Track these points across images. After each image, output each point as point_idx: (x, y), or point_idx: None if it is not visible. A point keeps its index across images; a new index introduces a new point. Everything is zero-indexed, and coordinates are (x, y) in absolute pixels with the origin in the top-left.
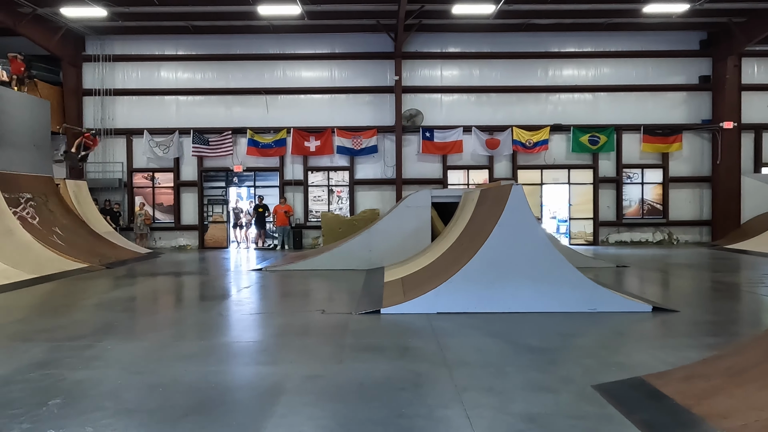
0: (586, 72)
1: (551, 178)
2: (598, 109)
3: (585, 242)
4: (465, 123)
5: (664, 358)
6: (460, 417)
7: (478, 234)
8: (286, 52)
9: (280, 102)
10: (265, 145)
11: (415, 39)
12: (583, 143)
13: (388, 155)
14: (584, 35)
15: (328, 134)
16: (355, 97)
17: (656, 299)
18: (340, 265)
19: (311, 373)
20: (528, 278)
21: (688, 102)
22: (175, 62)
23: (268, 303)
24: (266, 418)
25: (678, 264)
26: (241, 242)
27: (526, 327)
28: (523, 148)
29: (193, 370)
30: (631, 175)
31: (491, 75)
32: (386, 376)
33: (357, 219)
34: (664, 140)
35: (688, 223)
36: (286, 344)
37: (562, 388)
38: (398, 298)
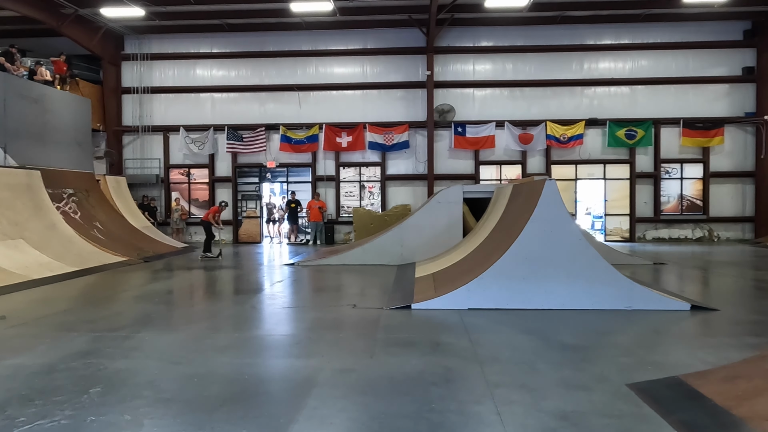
0: (623, 65)
1: (586, 173)
2: (636, 103)
3: (621, 239)
4: (497, 118)
5: (703, 357)
6: (491, 413)
7: (511, 229)
8: (318, 48)
9: (313, 98)
10: (298, 141)
11: (447, 33)
12: (620, 138)
13: (420, 151)
14: (621, 27)
15: (360, 130)
16: (387, 92)
17: (695, 297)
18: (372, 260)
19: (343, 367)
20: (562, 275)
21: (731, 94)
22: (210, 60)
23: (300, 297)
24: (298, 410)
25: (718, 261)
26: (274, 237)
27: (559, 324)
28: (557, 142)
29: (228, 362)
30: (669, 170)
31: (525, 69)
32: (417, 370)
33: (389, 214)
34: (705, 134)
35: (730, 220)
36: (318, 338)
37: (596, 387)
38: (429, 293)
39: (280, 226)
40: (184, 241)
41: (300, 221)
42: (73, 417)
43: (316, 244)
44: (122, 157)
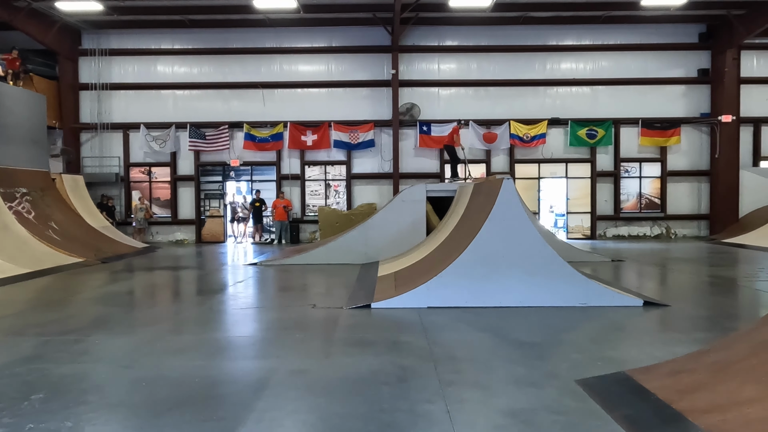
0: (585, 65)
1: (549, 172)
2: (597, 103)
3: (582, 236)
4: (462, 117)
5: (652, 352)
6: (441, 412)
7: (471, 228)
8: (283, 45)
9: (277, 96)
10: (262, 139)
11: (412, 32)
12: (581, 137)
13: (386, 149)
14: (583, 28)
15: (325, 128)
16: (353, 91)
17: (651, 294)
18: (336, 259)
19: (297, 368)
20: (520, 272)
21: (687, 95)
22: (171, 56)
23: (261, 297)
24: (248, 413)
25: (675, 258)
26: (238, 237)
27: (516, 321)
28: (520, 142)
29: (180, 365)
30: (629, 169)
31: (489, 68)
32: (372, 370)
33: (354, 213)
34: (663, 134)
35: (686, 217)
36: (275, 339)
37: (547, 383)
38: (390, 292)
39: (245, 226)
40: (145, 242)
41: (265, 220)
42: (11, 425)
43: (281, 243)
44: (80, 155)
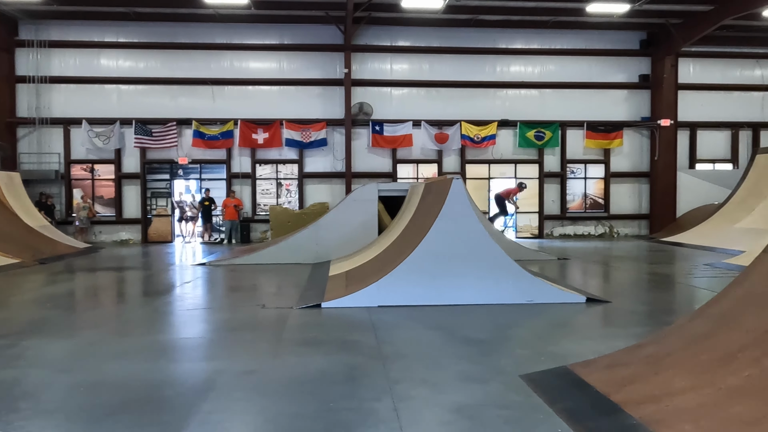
0: (533, 69)
1: (499, 172)
2: (544, 105)
3: (531, 235)
4: (415, 117)
5: (593, 347)
6: (388, 409)
7: (421, 227)
8: (233, 41)
9: (228, 93)
10: (212, 136)
11: (364, 32)
12: (529, 138)
13: (338, 148)
14: (531, 32)
15: (277, 126)
16: (305, 89)
17: (594, 290)
18: (288, 258)
19: (244, 369)
20: (469, 271)
21: (629, 100)
22: (116, 50)
23: (209, 298)
24: (192, 416)
25: (617, 256)
26: (187, 236)
27: (465, 319)
28: (471, 142)
29: (122, 368)
30: (574, 170)
31: (441, 70)
32: (321, 370)
33: (306, 212)
34: (606, 136)
35: (628, 217)
36: (223, 340)
37: (493, 379)
38: (340, 291)
39: (194, 225)
40: (87, 241)
41: (214, 219)
42: None
43: (231, 242)
44: (16, 151)
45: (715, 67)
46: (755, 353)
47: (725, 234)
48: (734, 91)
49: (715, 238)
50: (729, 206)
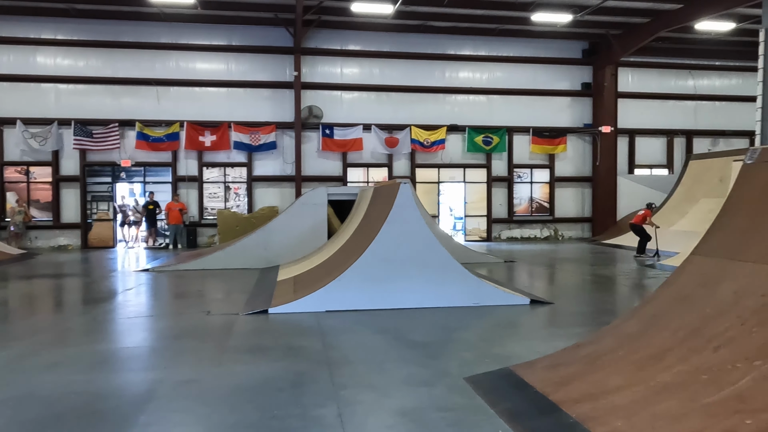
0: (481, 75)
1: (448, 176)
2: (492, 111)
3: (479, 239)
4: (365, 121)
5: (535, 348)
6: (333, 416)
7: (369, 232)
8: (180, 41)
9: (173, 94)
10: (156, 138)
11: (315, 35)
12: (478, 143)
13: (288, 152)
14: (479, 39)
15: (225, 129)
16: (254, 91)
17: (539, 292)
18: (235, 264)
19: (186, 378)
20: (416, 275)
21: (572, 107)
22: (54, 47)
23: (152, 305)
24: (128, 429)
25: (561, 258)
26: (130, 241)
27: (412, 323)
28: (421, 147)
29: (55, 381)
30: (521, 174)
31: (391, 74)
32: (265, 377)
33: (255, 216)
34: (551, 142)
35: (572, 220)
36: (164, 348)
37: (438, 382)
38: (288, 297)
39: (138, 229)
40: (22, 247)
41: (159, 224)
42: None
43: (177, 247)
44: None
45: (651, 77)
46: (683, 351)
47: (662, 236)
48: (669, 100)
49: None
50: (665, 210)
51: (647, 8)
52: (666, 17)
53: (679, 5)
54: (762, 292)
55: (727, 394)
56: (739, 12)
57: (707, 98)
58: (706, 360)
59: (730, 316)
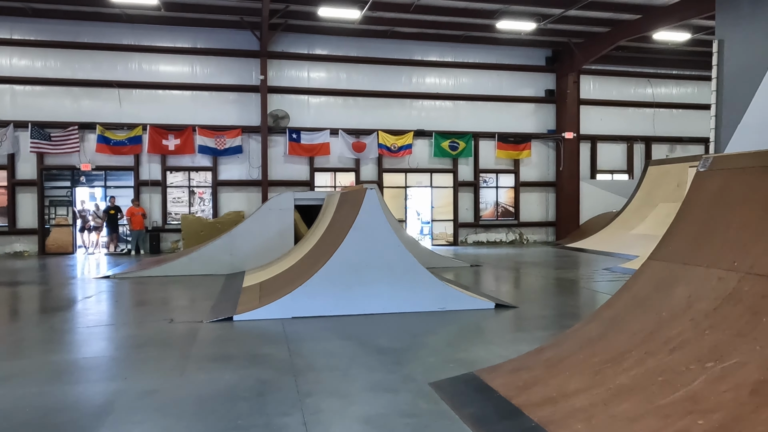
0: (447, 81)
1: (415, 181)
2: (458, 117)
3: (446, 243)
4: (332, 125)
5: (500, 352)
6: (298, 424)
7: (336, 237)
8: (142, 43)
9: (136, 96)
10: (118, 142)
11: (281, 39)
12: (444, 148)
13: (254, 156)
14: (445, 46)
15: (189, 132)
16: (219, 95)
17: (504, 296)
18: (200, 270)
19: (148, 389)
20: (383, 280)
21: (536, 113)
22: (10, 47)
23: (113, 313)
24: None
25: (526, 262)
26: (90, 247)
27: (379, 328)
28: (388, 151)
29: (8, 394)
30: (487, 179)
31: (358, 79)
32: (229, 386)
33: (220, 221)
34: (516, 147)
35: (536, 224)
36: (125, 358)
37: (403, 388)
38: (254, 303)
39: (98, 235)
40: None
41: (121, 229)
42: None
43: (139, 253)
44: None
45: (612, 85)
46: (640, 353)
47: (622, 240)
48: (629, 107)
49: (613, 244)
50: (625, 214)
51: (607, 18)
52: (625, 27)
53: (638, 16)
54: (714, 296)
55: (681, 395)
56: (695, 23)
57: (665, 106)
58: (662, 362)
59: (684, 319)
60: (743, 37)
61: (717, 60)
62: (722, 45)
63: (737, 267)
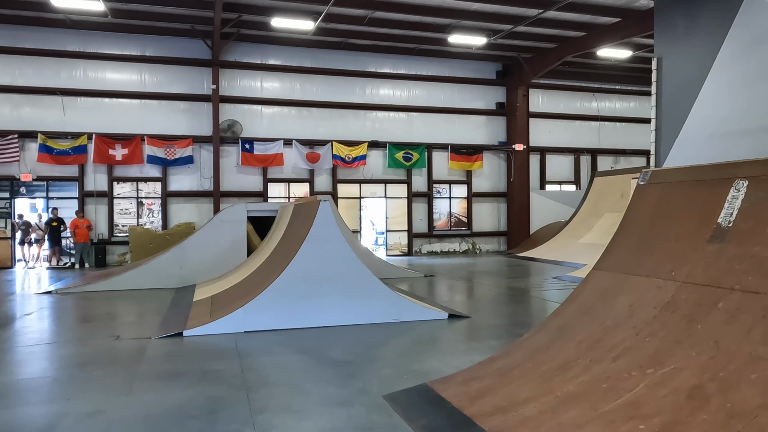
0: (401, 93)
1: (369, 192)
2: (412, 128)
3: (401, 253)
4: (286, 136)
5: (452, 362)
6: None
7: (290, 250)
8: (88, 50)
9: (81, 104)
10: (61, 151)
11: (234, 48)
12: (398, 159)
13: (206, 166)
14: (399, 58)
15: (138, 142)
16: (169, 104)
17: (457, 306)
18: (148, 283)
19: (92, 410)
20: (337, 292)
21: (488, 125)
22: None
23: (56, 331)
24: None
25: (478, 272)
26: (30, 261)
27: (333, 341)
28: (342, 162)
29: None
30: (440, 190)
31: (312, 90)
32: (179, 404)
33: (170, 233)
34: (468, 159)
35: (489, 234)
36: (68, 378)
37: (357, 401)
38: (205, 318)
39: (40, 248)
40: None
41: (64, 242)
42: None
43: (84, 267)
44: None
45: (560, 98)
46: (586, 361)
47: (570, 249)
48: (576, 120)
49: (562, 253)
50: (573, 224)
51: (554, 35)
52: (571, 43)
53: (583, 33)
54: (653, 305)
55: (624, 401)
56: (636, 41)
57: (609, 119)
58: (606, 369)
59: (627, 328)
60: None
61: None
62: (661, 62)
63: (674, 276)
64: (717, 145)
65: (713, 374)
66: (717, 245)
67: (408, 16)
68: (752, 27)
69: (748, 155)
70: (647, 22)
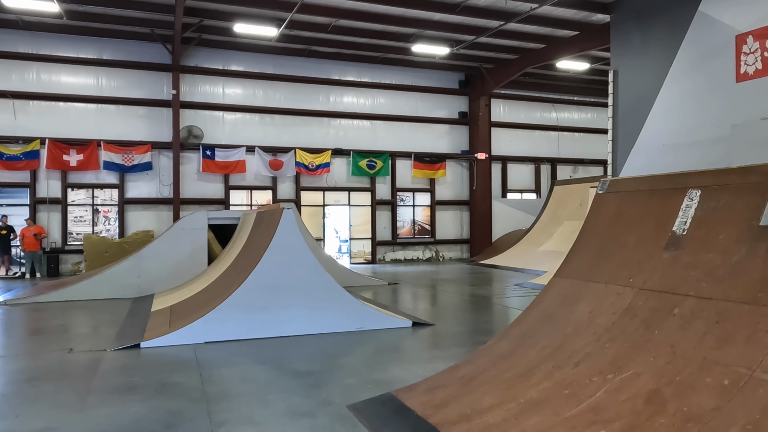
0: (365, 101)
1: (333, 199)
2: (375, 136)
3: (364, 261)
4: (248, 143)
5: (416, 371)
6: None
7: (252, 258)
8: (41, 52)
9: (33, 108)
10: (12, 157)
11: (195, 53)
12: (362, 167)
13: (165, 173)
14: (363, 66)
15: (93, 147)
16: (127, 109)
17: (421, 314)
18: (104, 293)
19: (41, 427)
20: (300, 301)
21: (451, 134)
22: None
23: (3, 344)
24: None
25: (442, 279)
26: None
27: (296, 351)
28: (306, 170)
29: None
30: (404, 198)
31: (275, 96)
32: (135, 419)
33: (127, 241)
34: (431, 167)
35: (452, 242)
36: (17, 394)
37: (320, 412)
38: (163, 329)
39: None
40: None
41: (14, 251)
42: None
43: (35, 276)
44: None
45: (520, 108)
46: (548, 367)
47: (531, 256)
48: (536, 130)
49: (523, 260)
50: (534, 231)
51: (515, 46)
52: (531, 55)
53: (543, 45)
54: (612, 311)
55: (585, 406)
56: (593, 54)
57: (568, 129)
58: (568, 375)
59: (587, 334)
60: (635, 68)
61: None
62: (617, 75)
63: (632, 283)
64: (669, 155)
65: (670, 379)
66: (672, 252)
67: (372, 24)
68: (701, 43)
69: (699, 165)
70: (604, 35)
